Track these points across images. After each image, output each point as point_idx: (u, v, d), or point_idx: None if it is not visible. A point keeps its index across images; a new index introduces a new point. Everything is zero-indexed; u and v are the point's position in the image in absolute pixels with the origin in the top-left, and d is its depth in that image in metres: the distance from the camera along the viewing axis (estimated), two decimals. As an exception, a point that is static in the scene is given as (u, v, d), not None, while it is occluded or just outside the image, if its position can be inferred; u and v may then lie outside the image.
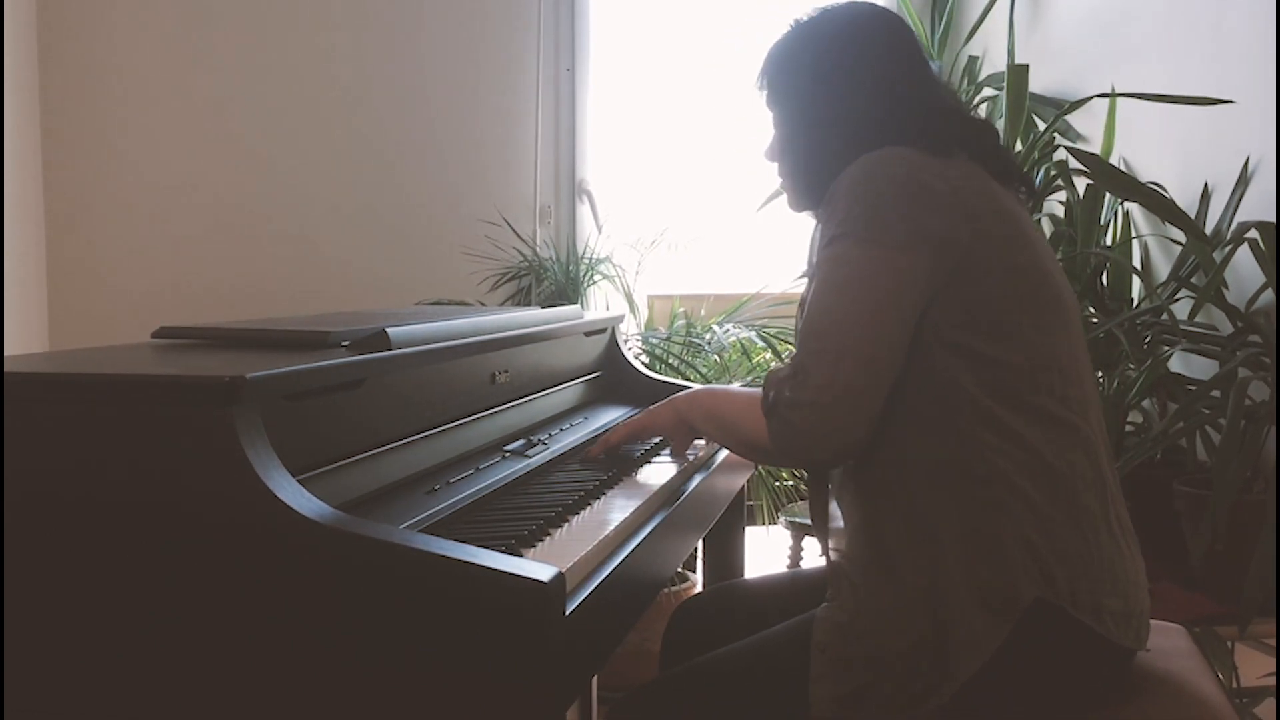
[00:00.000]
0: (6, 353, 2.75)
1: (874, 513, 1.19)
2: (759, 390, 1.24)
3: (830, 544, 1.28)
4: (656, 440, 1.60)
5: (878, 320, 1.13)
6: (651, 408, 1.51)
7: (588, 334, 1.93)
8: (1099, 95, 2.67)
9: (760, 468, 2.74)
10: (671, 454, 1.55)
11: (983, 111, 3.21)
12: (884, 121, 1.24)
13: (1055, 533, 1.12)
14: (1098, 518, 1.15)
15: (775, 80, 1.37)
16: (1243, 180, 2.48)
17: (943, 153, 1.20)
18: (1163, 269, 2.74)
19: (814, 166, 1.30)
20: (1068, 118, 2.84)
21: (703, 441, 1.58)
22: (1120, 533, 1.18)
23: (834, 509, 1.29)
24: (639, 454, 1.55)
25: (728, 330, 2.94)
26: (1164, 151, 2.76)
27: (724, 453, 1.66)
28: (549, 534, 1.13)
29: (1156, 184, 2.52)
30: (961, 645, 1.09)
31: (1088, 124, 2.95)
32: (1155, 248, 2.79)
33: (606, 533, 1.12)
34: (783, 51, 1.36)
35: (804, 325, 1.17)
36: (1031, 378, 1.15)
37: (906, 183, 1.16)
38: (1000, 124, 2.80)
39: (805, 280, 1.26)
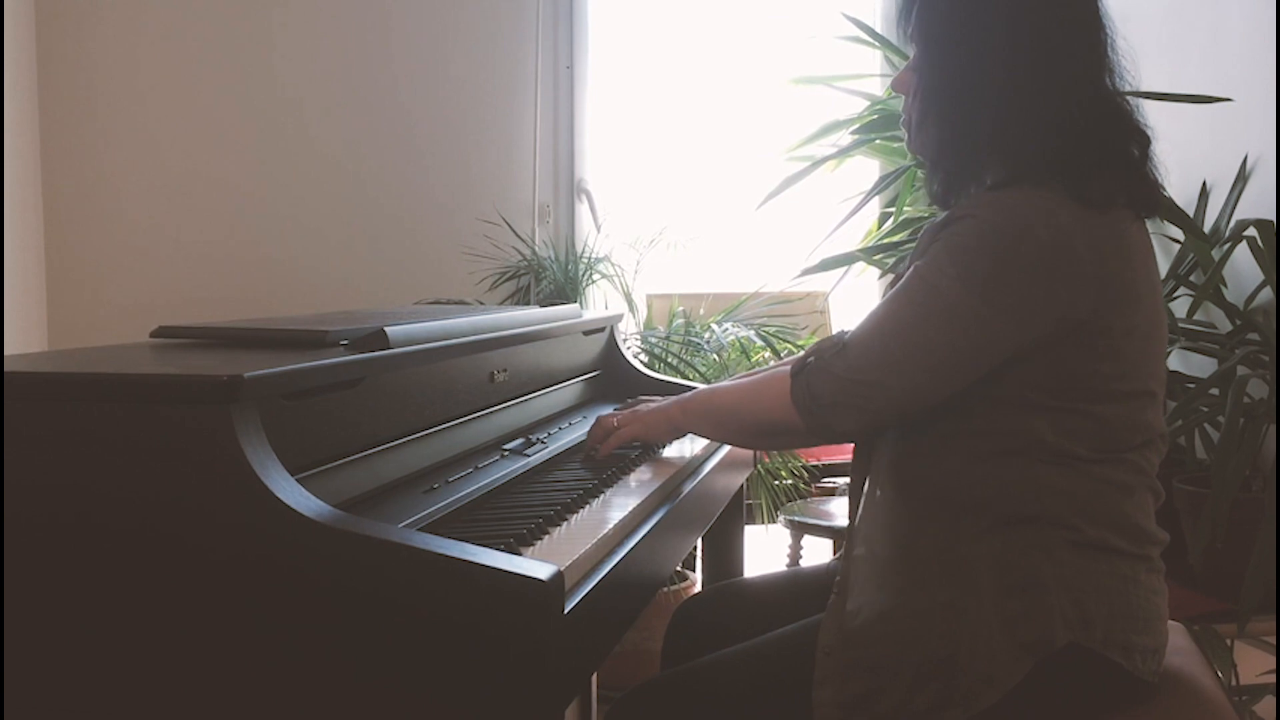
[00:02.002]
0: (6, 352, 2.74)
1: (913, 524, 1.17)
2: (758, 372, 1.25)
3: (858, 542, 1.25)
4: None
5: (942, 360, 1.09)
6: (645, 415, 1.44)
7: (586, 333, 1.93)
8: (1097, 93, 2.66)
9: (759, 466, 2.74)
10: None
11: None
12: (1047, 148, 1.11)
13: (1096, 570, 1.10)
14: (1139, 559, 1.14)
15: (924, 15, 1.18)
16: (1241, 178, 2.48)
17: (1103, 204, 1.10)
18: (1161, 267, 2.74)
19: (951, 146, 1.18)
20: (1066, 116, 2.83)
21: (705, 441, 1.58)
22: (1155, 570, 1.17)
23: (862, 511, 1.27)
24: (635, 453, 1.55)
25: (726, 329, 2.94)
26: (1162, 149, 2.76)
27: (722, 451, 1.66)
28: (548, 532, 1.13)
29: (1155, 182, 2.52)
30: (978, 673, 1.08)
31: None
32: (1154, 246, 2.80)
33: (605, 531, 1.12)
34: None
35: (871, 318, 1.14)
36: (1118, 442, 1.13)
37: (1043, 245, 1.07)
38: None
39: (891, 277, 1.23)
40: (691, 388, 1.96)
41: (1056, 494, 1.11)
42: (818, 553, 2.94)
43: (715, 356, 2.89)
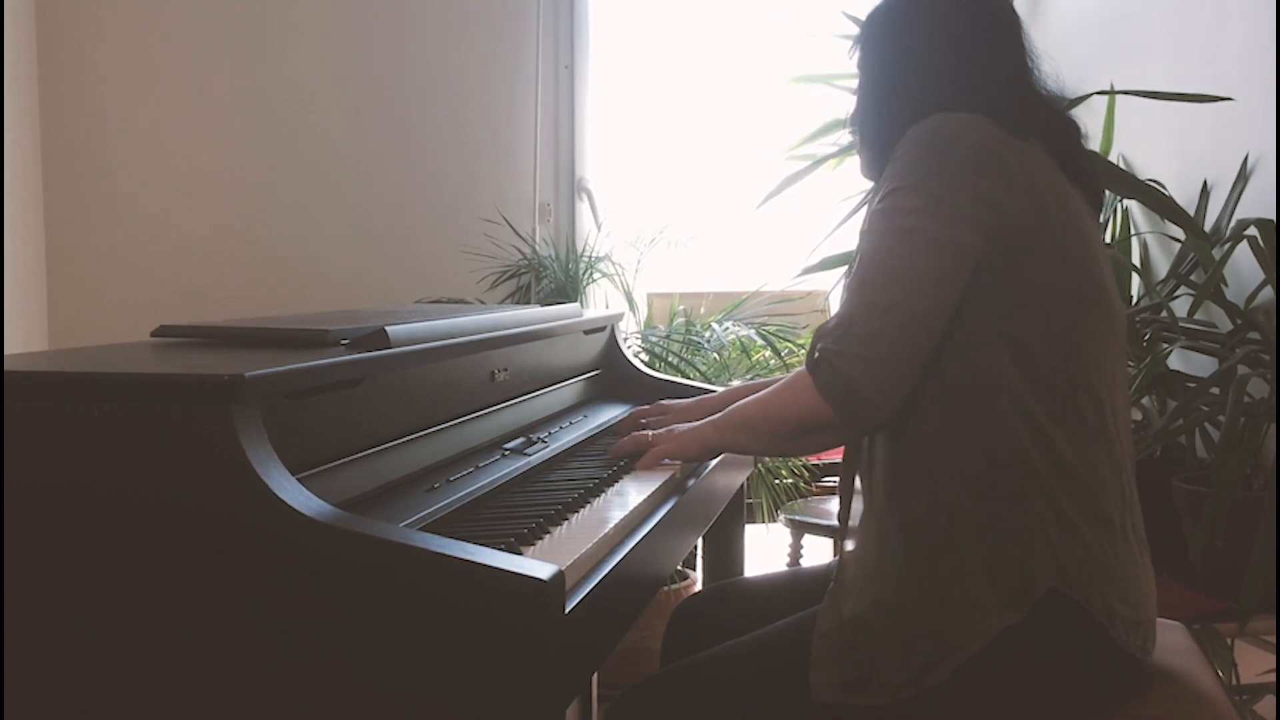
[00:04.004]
0: (6, 351, 2.74)
1: (898, 490, 1.18)
2: (779, 378, 1.24)
3: (850, 539, 1.27)
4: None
5: (929, 277, 1.11)
6: (680, 435, 1.44)
7: (587, 332, 1.93)
8: (1098, 92, 2.67)
9: (760, 466, 2.74)
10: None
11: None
12: (965, 88, 1.21)
13: (1074, 535, 1.12)
14: (1116, 526, 1.15)
15: (867, 42, 1.32)
16: (1242, 177, 2.48)
17: (1018, 133, 1.17)
18: (1162, 266, 2.74)
19: (890, 130, 1.25)
20: (1067, 115, 2.83)
21: None
22: (1135, 543, 1.17)
23: (856, 504, 1.29)
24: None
25: (727, 328, 2.94)
26: (1163, 149, 2.77)
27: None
28: (548, 532, 1.13)
29: (1156, 181, 2.52)
30: (965, 626, 1.10)
31: (1087, 121, 2.95)
32: (1155, 245, 2.80)
33: (606, 530, 1.13)
34: (880, 14, 1.32)
35: (855, 274, 1.15)
36: (1070, 375, 1.14)
37: (978, 148, 1.13)
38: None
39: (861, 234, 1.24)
40: (694, 388, 1.97)
41: (1026, 447, 1.12)
42: (818, 552, 2.94)
43: (716, 355, 2.89)
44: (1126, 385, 1.24)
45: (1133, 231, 2.76)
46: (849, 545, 1.26)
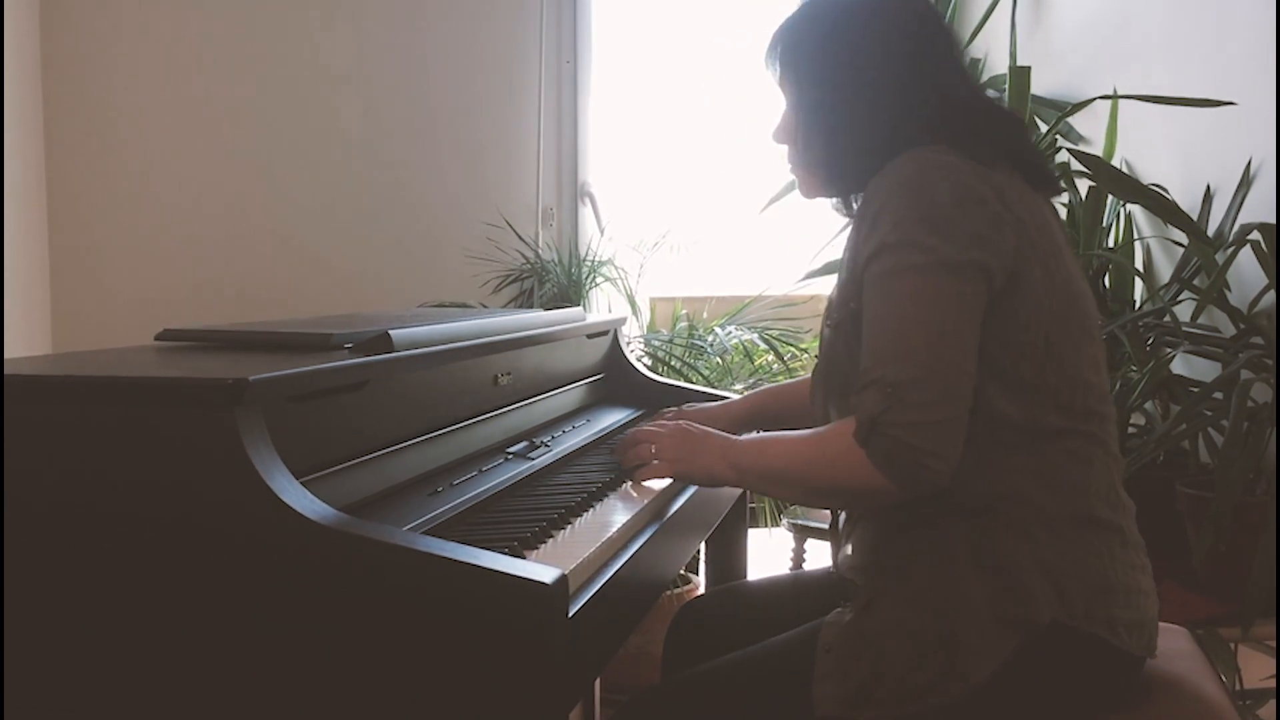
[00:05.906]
0: (9, 355, 2.75)
1: (892, 529, 1.18)
2: (807, 431, 1.20)
3: (846, 553, 1.26)
4: None
5: (955, 334, 1.08)
6: (689, 460, 1.32)
7: (590, 336, 1.93)
8: (1101, 97, 2.66)
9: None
10: None
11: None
12: (926, 120, 1.18)
13: (1069, 549, 1.11)
14: (1111, 530, 1.15)
15: (790, 59, 1.29)
16: (1245, 182, 2.47)
17: (987, 160, 1.14)
18: (1165, 271, 2.73)
19: (842, 158, 1.23)
20: (1070, 119, 2.83)
21: None
22: (1131, 543, 1.17)
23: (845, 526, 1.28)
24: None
25: (730, 332, 2.94)
26: (1166, 153, 2.76)
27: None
28: (552, 536, 1.13)
29: (1158, 186, 2.52)
30: (972, 650, 1.09)
31: (1089, 126, 2.95)
32: (1157, 249, 2.79)
33: (609, 534, 1.13)
34: (800, 28, 1.28)
35: (880, 347, 1.10)
36: (1063, 398, 1.13)
37: (959, 191, 1.11)
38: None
39: (839, 280, 1.22)
40: (697, 392, 1.97)
41: (1017, 472, 1.12)
42: (820, 556, 2.93)
43: (719, 360, 2.89)
44: (1108, 380, 1.23)
45: (1135, 236, 2.76)
46: (849, 568, 1.25)
